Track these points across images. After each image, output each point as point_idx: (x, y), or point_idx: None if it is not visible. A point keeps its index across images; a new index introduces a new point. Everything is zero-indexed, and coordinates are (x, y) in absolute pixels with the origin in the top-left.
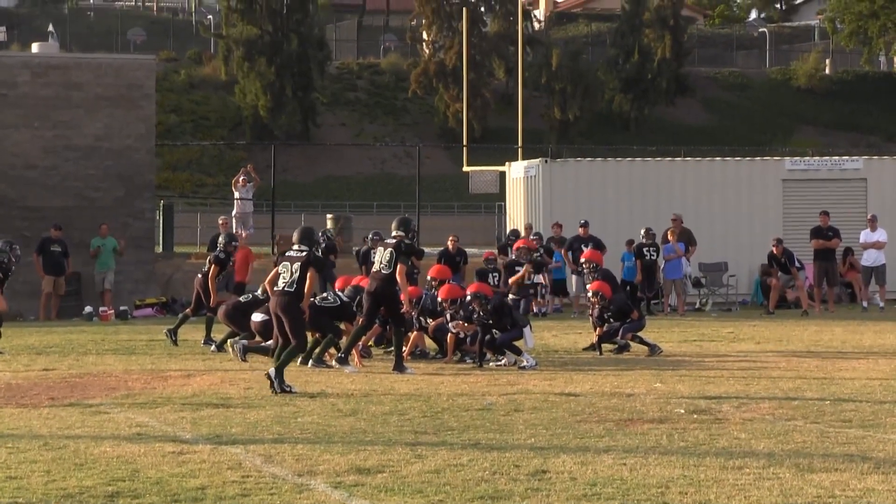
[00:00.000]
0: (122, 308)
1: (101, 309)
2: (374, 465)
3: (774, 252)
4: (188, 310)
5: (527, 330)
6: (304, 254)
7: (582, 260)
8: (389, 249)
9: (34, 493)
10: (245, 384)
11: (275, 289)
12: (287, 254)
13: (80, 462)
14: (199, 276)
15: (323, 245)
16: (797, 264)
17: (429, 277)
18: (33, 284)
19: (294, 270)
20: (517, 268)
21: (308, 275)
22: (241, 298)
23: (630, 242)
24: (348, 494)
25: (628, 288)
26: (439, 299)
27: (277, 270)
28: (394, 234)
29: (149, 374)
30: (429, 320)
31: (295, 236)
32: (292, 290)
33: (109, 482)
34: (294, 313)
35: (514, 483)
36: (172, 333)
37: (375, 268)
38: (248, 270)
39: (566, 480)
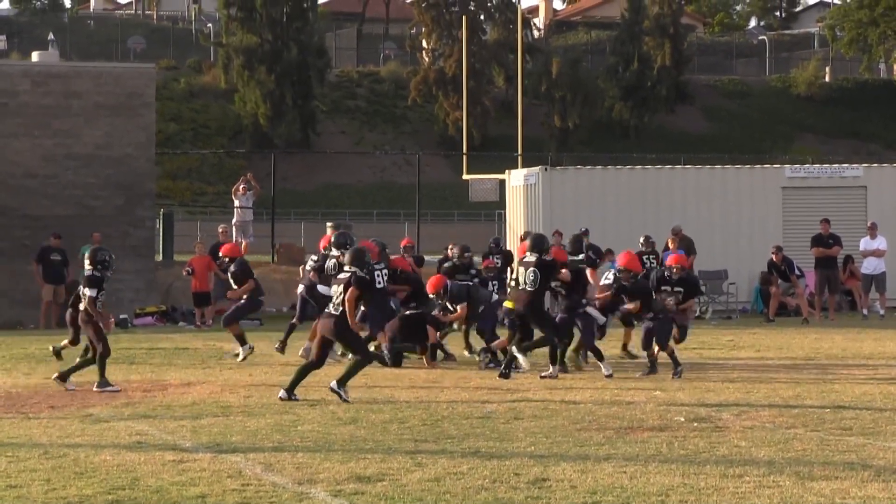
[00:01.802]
0: (122, 316)
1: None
2: (374, 473)
3: (774, 260)
4: (294, 319)
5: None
6: (348, 275)
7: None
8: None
9: (34, 501)
10: (245, 393)
11: (325, 310)
12: (338, 276)
13: (80, 471)
14: (302, 286)
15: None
16: (797, 272)
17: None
18: (33, 293)
19: (341, 292)
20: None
21: (349, 296)
22: None
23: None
24: (348, 503)
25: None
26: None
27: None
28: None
29: (149, 383)
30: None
31: (347, 258)
32: (338, 312)
33: (110, 490)
34: (346, 337)
35: (514, 491)
36: (282, 345)
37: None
38: (208, 279)
39: (566, 489)
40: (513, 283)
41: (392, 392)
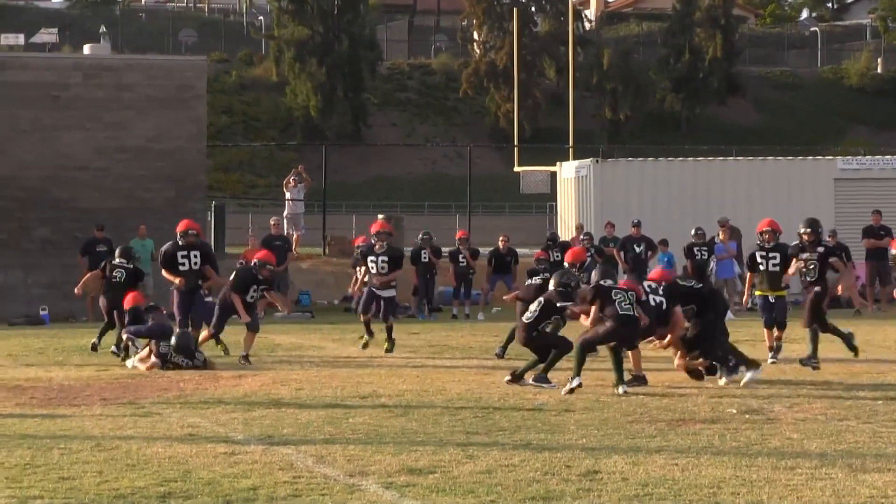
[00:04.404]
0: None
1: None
2: (426, 465)
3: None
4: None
5: None
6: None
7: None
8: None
9: (87, 493)
10: (296, 385)
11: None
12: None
13: (132, 463)
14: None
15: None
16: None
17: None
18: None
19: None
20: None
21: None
22: None
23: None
24: (400, 495)
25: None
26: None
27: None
28: None
29: (200, 375)
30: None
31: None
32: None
33: (161, 483)
34: (541, 339)
35: (565, 483)
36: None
37: None
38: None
39: (618, 481)
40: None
41: (444, 384)
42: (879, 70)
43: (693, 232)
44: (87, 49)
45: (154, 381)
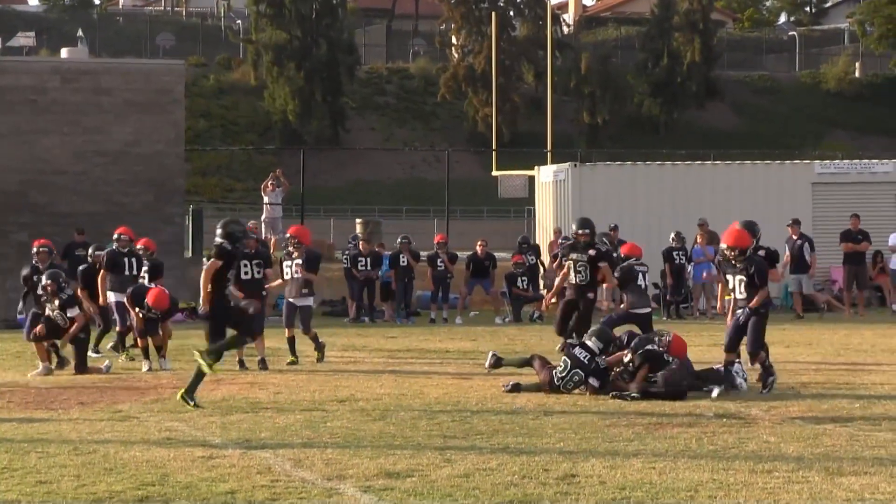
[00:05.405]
0: None
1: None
2: (404, 469)
3: (791, 234)
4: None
5: None
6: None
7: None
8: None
9: (64, 497)
10: (274, 388)
11: None
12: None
13: (109, 466)
14: None
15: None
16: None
17: None
18: None
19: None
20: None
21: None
22: None
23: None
24: (377, 499)
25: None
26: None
27: None
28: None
29: (178, 379)
30: None
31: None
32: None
33: (139, 486)
34: None
35: (543, 487)
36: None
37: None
38: None
39: (595, 484)
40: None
41: (421, 388)
42: (857, 74)
43: (672, 235)
44: (64, 53)
45: (131, 385)
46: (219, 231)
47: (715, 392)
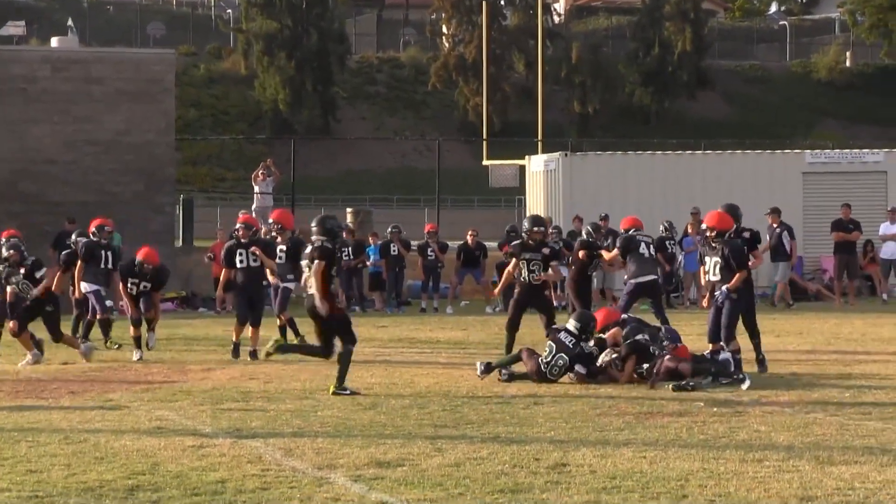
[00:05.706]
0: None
1: (119, 303)
2: (394, 458)
3: (770, 222)
4: None
5: None
6: None
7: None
8: None
9: (55, 486)
10: (265, 378)
11: None
12: None
13: (100, 456)
14: None
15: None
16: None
17: None
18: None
19: None
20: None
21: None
22: None
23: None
24: (368, 488)
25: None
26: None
27: None
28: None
29: (168, 369)
30: None
31: None
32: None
33: (129, 476)
34: None
35: (533, 476)
36: None
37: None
38: None
39: (586, 473)
40: None
41: (412, 377)
42: (848, 64)
43: (663, 225)
44: (54, 42)
45: (122, 375)
46: (315, 228)
47: (745, 384)
